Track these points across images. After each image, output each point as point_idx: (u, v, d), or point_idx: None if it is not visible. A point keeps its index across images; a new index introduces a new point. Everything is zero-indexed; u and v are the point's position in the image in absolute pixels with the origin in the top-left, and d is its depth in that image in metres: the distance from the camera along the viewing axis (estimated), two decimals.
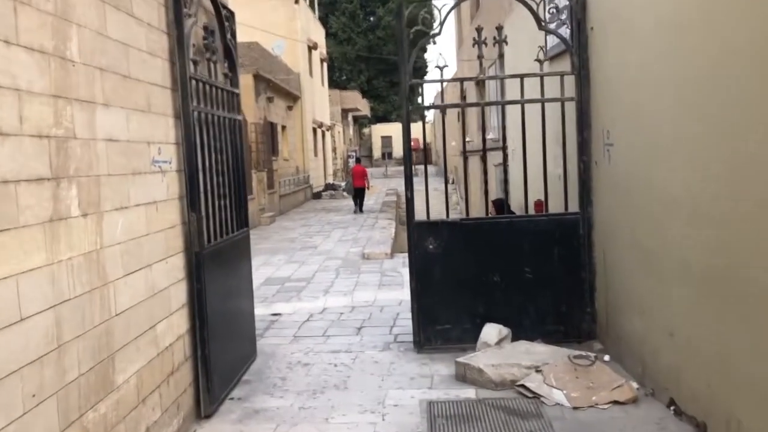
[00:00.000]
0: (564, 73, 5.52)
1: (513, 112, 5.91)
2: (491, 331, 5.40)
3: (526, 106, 5.56)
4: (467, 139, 22.35)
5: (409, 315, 6.45)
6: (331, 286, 9.09)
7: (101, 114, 3.28)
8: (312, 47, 29.95)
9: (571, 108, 5.55)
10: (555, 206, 5.92)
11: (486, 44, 5.46)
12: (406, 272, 9.93)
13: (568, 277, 5.61)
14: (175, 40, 4.29)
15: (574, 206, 5.63)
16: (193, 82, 4.50)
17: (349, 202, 24.16)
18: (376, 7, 53.06)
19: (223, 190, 5.04)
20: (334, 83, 47.17)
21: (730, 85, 3.24)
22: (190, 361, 4.39)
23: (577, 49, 5.45)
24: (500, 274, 5.62)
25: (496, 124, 16.13)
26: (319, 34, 33.15)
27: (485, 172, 5.64)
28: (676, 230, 3.90)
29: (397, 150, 55.39)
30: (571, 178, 5.63)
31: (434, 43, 56.98)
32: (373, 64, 53.55)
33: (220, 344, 4.76)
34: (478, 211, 15.28)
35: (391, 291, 8.56)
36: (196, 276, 4.42)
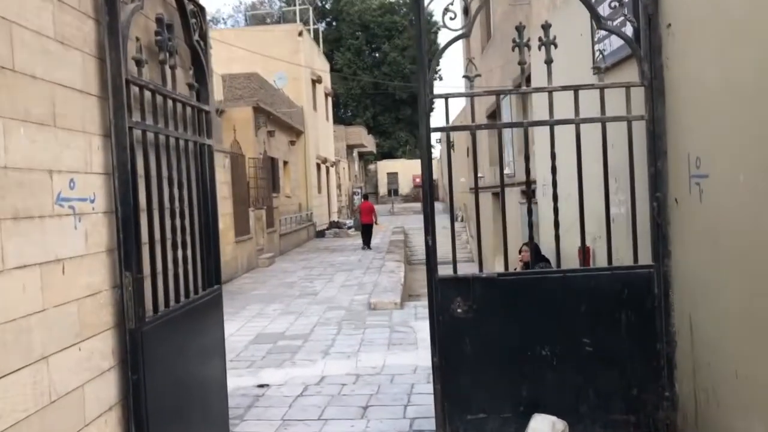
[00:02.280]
0: (631, 85, 4.25)
1: (541, 136, 4.64)
2: (542, 427, 4.02)
3: (568, 128, 4.28)
4: (479, 175, 21.01)
5: (428, 387, 5.14)
6: (332, 345, 7.72)
7: None
8: (316, 81, 29.03)
9: (639, 129, 4.27)
10: (613, 256, 4.59)
11: (529, 47, 4.20)
12: (418, 327, 8.60)
13: (639, 350, 4.25)
14: (106, 29, 3.04)
15: (645, 257, 4.31)
16: (135, 88, 3.25)
17: (354, 241, 23.06)
18: (381, 43, 52.55)
19: (182, 238, 3.74)
20: (340, 119, 46.33)
21: None
22: None
23: (647, 53, 4.19)
24: (551, 346, 4.26)
25: (512, 158, 14.91)
26: (323, 68, 32.30)
27: (530, 212, 4.33)
28: None
29: (403, 187, 54.34)
30: (640, 221, 4.32)
31: (440, 78, 56.38)
32: (379, 100, 52.88)
33: None
34: (492, 253, 13.94)
35: (403, 353, 7.18)
36: (132, 362, 3.09)
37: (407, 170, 53.82)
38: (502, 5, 14.46)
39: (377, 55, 53.24)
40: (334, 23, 54.25)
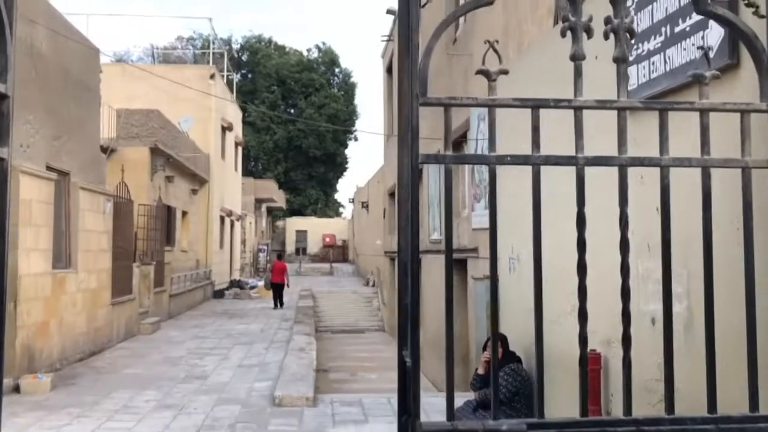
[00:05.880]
0: (751, 109, 2.55)
1: (510, 187, 2.82)
2: None
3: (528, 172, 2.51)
4: (377, 242, 19.07)
5: None
6: None
7: None
8: (227, 128, 26.87)
9: (762, 179, 2.57)
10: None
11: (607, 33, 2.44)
12: None
13: None
14: None
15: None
16: None
17: (257, 304, 20.92)
18: (298, 99, 51.25)
19: None
20: (250, 173, 44.04)
21: None
22: None
23: None
24: None
25: (438, 224, 13.27)
26: (235, 116, 30.18)
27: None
28: None
29: (312, 246, 52.09)
30: (737, 324, 2.56)
31: (356, 138, 55.29)
32: (292, 156, 51.12)
33: None
34: (432, 340, 12.11)
35: None
36: None
37: (317, 229, 51.74)
38: (438, 54, 13.12)
39: (293, 111, 51.75)
40: (249, 75, 52.54)
